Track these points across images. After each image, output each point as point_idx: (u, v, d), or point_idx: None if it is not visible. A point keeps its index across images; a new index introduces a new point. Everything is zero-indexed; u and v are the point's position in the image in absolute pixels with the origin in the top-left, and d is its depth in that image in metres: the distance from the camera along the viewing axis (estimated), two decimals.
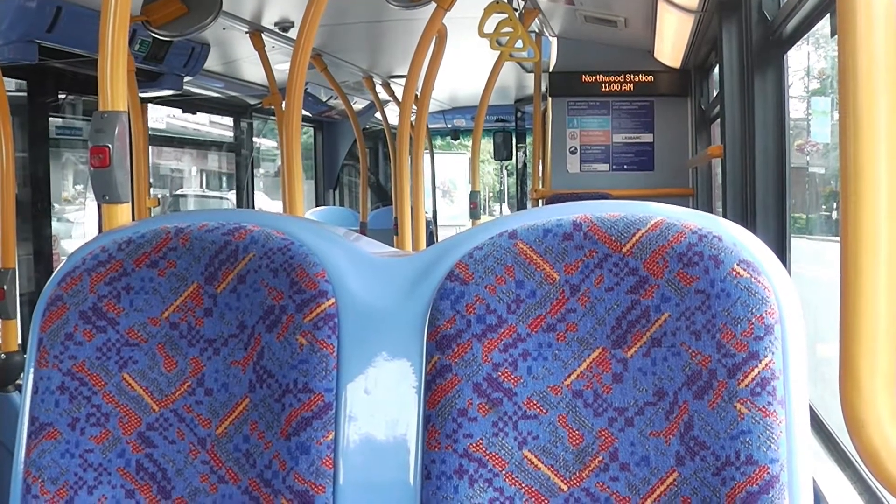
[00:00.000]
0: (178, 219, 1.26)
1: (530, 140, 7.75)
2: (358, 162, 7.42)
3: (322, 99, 6.82)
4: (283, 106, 2.65)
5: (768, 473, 1.01)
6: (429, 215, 8.04)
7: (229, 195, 8.07)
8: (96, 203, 1.67)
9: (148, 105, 5.22)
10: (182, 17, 3.02)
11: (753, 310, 1.03)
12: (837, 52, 0.96)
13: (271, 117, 7.29)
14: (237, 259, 1.20)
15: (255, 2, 3.88)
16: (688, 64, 4.88)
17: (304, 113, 6.26)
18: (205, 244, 1.21)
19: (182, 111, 6.78)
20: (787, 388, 1.03)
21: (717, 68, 3.51)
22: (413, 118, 3.94)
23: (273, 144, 8.88)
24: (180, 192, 8.96)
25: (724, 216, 2.93)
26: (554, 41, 5.34)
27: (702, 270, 1.06)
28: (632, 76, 5.23)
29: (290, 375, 1.15)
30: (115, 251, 1.23)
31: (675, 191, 5.07)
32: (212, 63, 4.74)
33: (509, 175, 16.19)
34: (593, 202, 1.14)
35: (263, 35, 4.22)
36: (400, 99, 4.26)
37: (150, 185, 4.63)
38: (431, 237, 8.43)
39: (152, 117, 6.05)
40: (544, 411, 1.09)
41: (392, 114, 6.65)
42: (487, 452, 1.09)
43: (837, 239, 0.98)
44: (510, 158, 8.97)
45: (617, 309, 1.09)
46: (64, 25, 3.31)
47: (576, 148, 5.35)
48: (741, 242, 1.07)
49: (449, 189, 15.80)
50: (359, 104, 7.26)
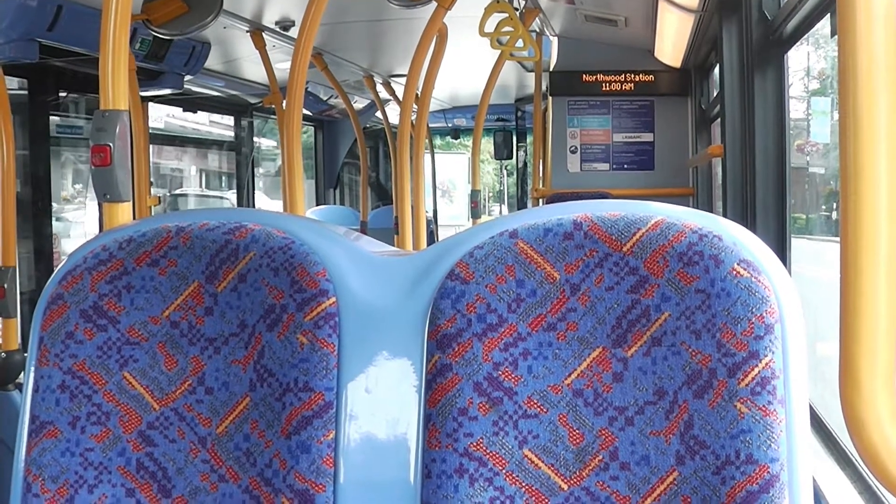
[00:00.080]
0: (179, 218, 1.25)
1: (531, 139, 7.74)
2: (358, 161, 7.42)
3: (323, 98, 6.82)
4: (284, 105, 2.65)
5: (768, 473, 1.01)
6: (429, 214, 8.04)
7: (229, 194, 8.07)
8: (97, 202, 1.67)
9: (148, 104, 5.22)
10: (183, 16, 3.02)
11: (753, 309, 1.03)
12: (837, 52, 0.96)
13: (272, 116, 7.29)
14: (238, 258, 1.20)
15: (256, 1, 3.88)
16: (688, 63, 4.88)
17: (305, 112, 6.27)
18: (205, 243, 1.21)
19: (182, 110, 6.78)
20: (788, 388, 1.03)
21: (718, 68, 3.51)
22: (413, 117, 3.94)
23: (273, 143, 8.88)
24: (180, 192, 8.96)
25: (725, 216, 2.92)
26: (554, 40, 5.34)
27: (702, 270, 1.06)
28: (632, 76, 5.24)
29: (291, 374, 1.15)
30: (116, 250, 1.23)
31: (676, 190, 5.07)
32: (212, 62, 4.74)
33: (509, 174, 16.15)
34: (594, 202, 1.14)
35: (264, 34, 4.23)
36: (400, 98, 4.27)
37: (151, 185, 4.63)
38: (432, 236, 8.43)
39: (152, 116, 6.05)
40: (545, 410, 1.09)
41: (392, 113, 6.65)
42: (488, 451, 1.09)
43: (837, 239, 0.98)
44: (510, 158, 8.97)
45: (617, 308, 1.09)
46: (65, 24, 3.31)
47: (576, 147, 5.35)
48: (741, 242, 1.07)
49: (448, 189, 15.76)
50: (359, 103, 7.25)
